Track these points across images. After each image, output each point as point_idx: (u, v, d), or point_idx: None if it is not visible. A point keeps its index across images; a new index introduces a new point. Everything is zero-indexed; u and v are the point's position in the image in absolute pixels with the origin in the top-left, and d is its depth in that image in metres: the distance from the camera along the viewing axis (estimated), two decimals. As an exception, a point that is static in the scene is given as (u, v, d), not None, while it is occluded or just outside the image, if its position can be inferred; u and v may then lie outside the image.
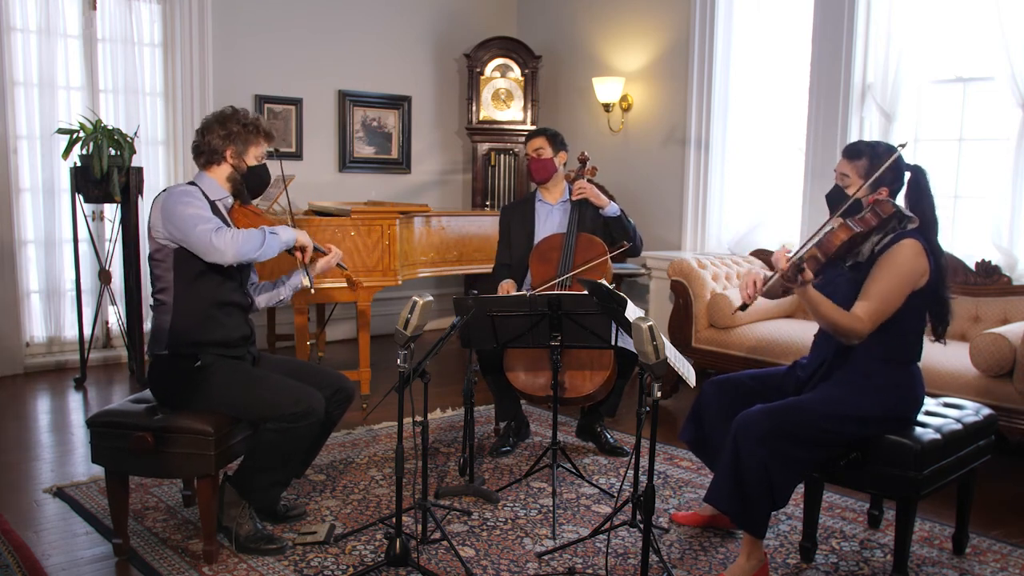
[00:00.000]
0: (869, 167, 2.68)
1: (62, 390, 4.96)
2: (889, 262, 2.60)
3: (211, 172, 2.98)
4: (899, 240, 2.62)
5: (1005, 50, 4.24)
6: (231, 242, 2.75)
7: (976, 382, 3.64)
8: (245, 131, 2.96)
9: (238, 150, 2.96)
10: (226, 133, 2.94)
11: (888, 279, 2.59)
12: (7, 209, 5.14)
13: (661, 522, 3.16)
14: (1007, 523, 3.22)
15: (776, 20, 5.35)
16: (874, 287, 2.60)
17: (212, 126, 2.96)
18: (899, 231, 2.63)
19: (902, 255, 2.59)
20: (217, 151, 2.95)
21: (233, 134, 2.94)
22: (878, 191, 2.69)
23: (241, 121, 2.96)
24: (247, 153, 2.98)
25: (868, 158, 2.70)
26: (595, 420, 4.00)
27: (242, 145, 2.96)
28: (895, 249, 2.61)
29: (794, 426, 2.56)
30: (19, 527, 3.04)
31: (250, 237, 2.81)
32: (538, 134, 4.06)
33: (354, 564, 2.79)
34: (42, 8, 5.14)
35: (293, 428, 2.76)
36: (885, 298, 2.58)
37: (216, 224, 2.79)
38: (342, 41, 6.36)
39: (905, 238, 2.62)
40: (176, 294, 2.85)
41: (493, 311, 3.22)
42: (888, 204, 2.59)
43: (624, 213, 4.01)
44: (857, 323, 2.57)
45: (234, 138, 2.95)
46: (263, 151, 3.03)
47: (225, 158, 2.96)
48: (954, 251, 4.43)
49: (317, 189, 6.13)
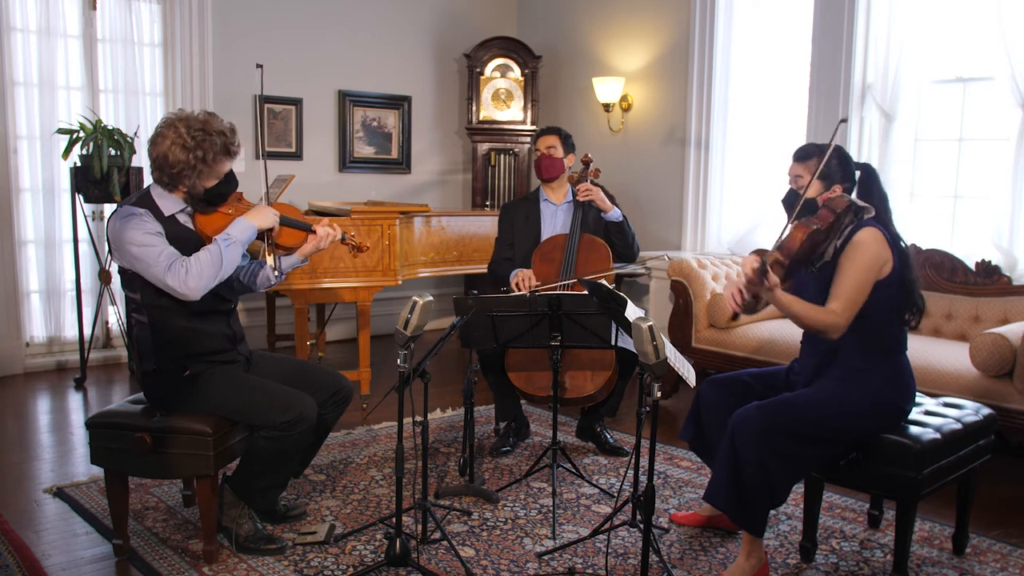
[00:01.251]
0: (819, 166, 2.72)
1: (62, 390, 4.96)
2: (851, 253, 2.63)
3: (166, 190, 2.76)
4: (858, 230, 2.65)
5: (1005, 50, 4.24)
6: (185, 280, 2.60)
7: (976, 382, 3.64)
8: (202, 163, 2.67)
9: (191, 182, 2.70)
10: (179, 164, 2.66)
11: (854, 269, 2.62)
12: (7, 209, 5.14)
13: (661, 522, 3.16)
14: (1007, 523, 3.22)
15: (776, 20, 5.35)
16: (842, 279, 2.63)
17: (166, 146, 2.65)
18: (856, 223, 2.66)
19: (862, 244, 2.63)
20: (169, 182, 2.71)
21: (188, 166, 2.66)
22: (831, 189, 2.75)
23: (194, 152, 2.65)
24: (205, 180, 2.72)
25: (818, 158, 2.75)
26: (595, 420, 4.00)
27: (197, 177, 2.70)
28: (855, 240, 2.64)
29: (790, 422, 2.57)
30: (19, 527, 3.04)
31: (203, 264, 2.63)
32: (551, 132, 4.04)
33: (354, 564, 2.79)
34: (42, 8, 5.14)
35: (285, 436, 2.74)
36: (855, 287, 2.61)
37: (166, 261, 2.61)
38: (342, 41, 6.36)
39: (863, 228, 2.65)
40: (150, 313, 2.73)
41: (493, 311, 3.22)
42: (841, 199, 2.64)
43: (626, 219, 4.02)
44: (832, 317, 2.60)
45: (187, 171, 2.67)
46: (226, 168, 2.77)
47: (178, 188, 2.73)
48: (954, 251, 4.44)
49: (317, 189, 6.13)
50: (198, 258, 2.66)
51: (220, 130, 2.72)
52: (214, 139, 2.70)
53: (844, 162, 2.79)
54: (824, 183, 2.76)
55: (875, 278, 2.62)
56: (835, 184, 2.76)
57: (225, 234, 2.73)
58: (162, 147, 2.68)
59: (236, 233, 2.74)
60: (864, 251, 2.61)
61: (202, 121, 2.71)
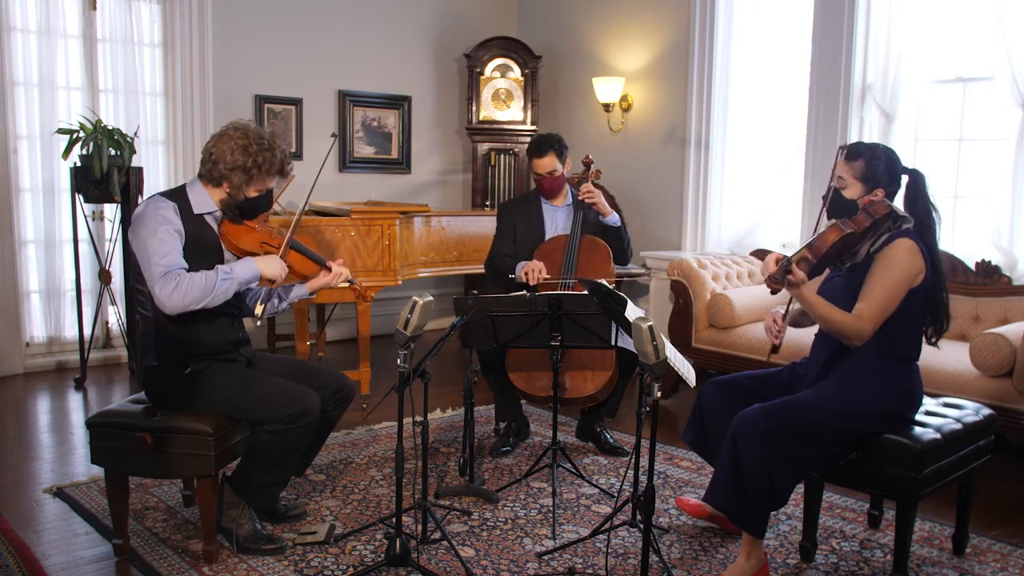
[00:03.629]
0: (865, 169, 2.69)
1: (62, 390, 4.96)
2: (885, 261, 2.61)
3: (206, 187, 2.82)
4: (894, 239, 2.63)
5: (1005, 50, 4.24)
6: (172, 294, 2.59)
7: (976, 382, 3.64)
8: (255, 168, 2.76)
9: (239, 183, 2.77)
10: (234, 164, 2.74)
11: (886, 278, 2.60)
12: (7, 209, 5.14)
13: (661, 522, 3.16)
14: (1007, 523, 3.22)
15: (776, 20, 5.35)
16: (873, 287, 2.61)
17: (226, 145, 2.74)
18: (894, 231, 2.64)
19: (897, 253, 2.60)
20: (217, 176, 2.77)
21: (239, 167, 2.74)
22: (873, 192, 2.71)
23: (255, 158, 2.74)
24: (249, 188, 2.80)
25: (865, 160, 2.71)
26: (595, 420, 4.00)
27: (245, 180, 2.77)
28: (890, 248, 2.62)
29: (792, 424, 2.57)
30: (19, 527, 3.04)
31: (194, 287, 2.62)
32: (545, 151, 3.92)
33: (354, 564, 2.79)
34: (42, 8, 5.14)
35: (289, 429, 2.75)
36: (885, 296, 2.59)
37: (165, 266, 2.61)
38: (342, 41, 6.37)
39: (899, 237, 2.63)
40: (156, 309, 2.72)
41: (493, 311, 3.22)
42: (881, 205, 2.60)
43: (624, 225, 4.02)
44: (858, 323, 2.58)
45: (239, 172, 2.75)
46: (269, 186, 2.86)
47: (222, 186, 2.79)
48: (954, 251, 4.44)
49: (317, 189, 6.06)
50: (192, 279, 2.64)
51: (282, 149, 2.85)
52: (275, 155, 2.80)
53: (890, 166, 2.72)
54: (866, 186, 2.71)
55: (906, 289, 2.60)
56: (878, 187, 2.71)
57: (228, 268, 2.73)
58: (225, 145, 2.76)
59: (239, 272, 2.75)
60: (897, 262, 2.59)
61: (270, 136, 2.83)
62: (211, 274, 2.69)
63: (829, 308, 2.60)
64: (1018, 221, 4.32)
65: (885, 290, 2.59)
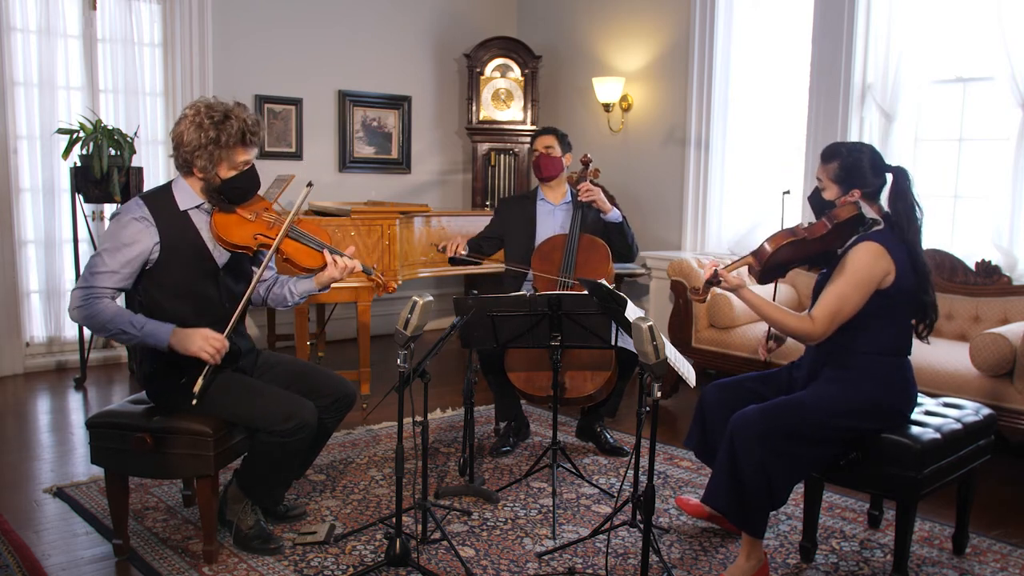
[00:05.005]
0: (839, 171, 2.69)
1: (62, 390, 4.96)
2: (843, 265, 2.64)
3: (186, 178, 2.73)
4: (858, 243, 2.65)
5: (1005, 50, 4.24)
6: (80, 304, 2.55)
7: (976, 382, 3.64)
8: (215, 144, 2.61)
9: (204, 164, 2.64)
10: (196, 144, 2.61)
11: (842, 281, 2.62)
12: (7, 209, 5.14)
13: (661, 522, 3.16)
14: (1007, 523, 3.22)
15: (776, 20, 5.35)
16: (827, 290, 2.65)
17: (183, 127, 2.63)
18: (861, 235, 2.65)
19: (855, 257, 2.62)
20: (187, 162, 2.66)
21: (200, 146, 2.61)
22: (850, 193, 2.70)
23: (213, 133, 2.60)
24: (218, 167, 2.66)
25: (840, 161, 2.71)
26: (595, 420, 4.00)
27: (208, 160, 2.63)
28: (851, 252, 2.64)
29: (790, 424, 2.57)
30: (19, 527, 3.04)
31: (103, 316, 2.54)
32: (548, 132, 4.06)
33: (354, 564, 2.79)
34: (42, 8, 5.14)
35: (286, 442, 2.71)
36: (839, 299, 2.61)
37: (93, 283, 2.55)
38: (342, 41, 6.37)
39: (864, 241, 2.64)
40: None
41: (493, 311, 3.22)
42: (845, 209, 2.61)
43: (625, 220, 4.02)
44: (807, 324, 2.62)
45: (200, 151, 2.62)
46: (243, 159, 2.69)
47: (192, 172, 2.69)
48: (954, 251, 4.44)
49: (317, 189, 6.08)
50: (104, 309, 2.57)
51: (241, 117, 2.66)
52: (231, 123, 2.63)
53: (874, 165, 2.71)
54: (841, 187, 2.70)
55: (867, 291, 2.61)
56: (855, 188, 2.69)
57: (145, 324, 2.59)
58: (180, 127, 2.65)
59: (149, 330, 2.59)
60: (852, 265, 2.61)
61: (224, 106, 2.67)
62: (124, 316, 2.58)
63: (772, 308, 2.67)
64: (1018, 221, 4.32)
65: (837, 293, 2.61)
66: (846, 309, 2.61)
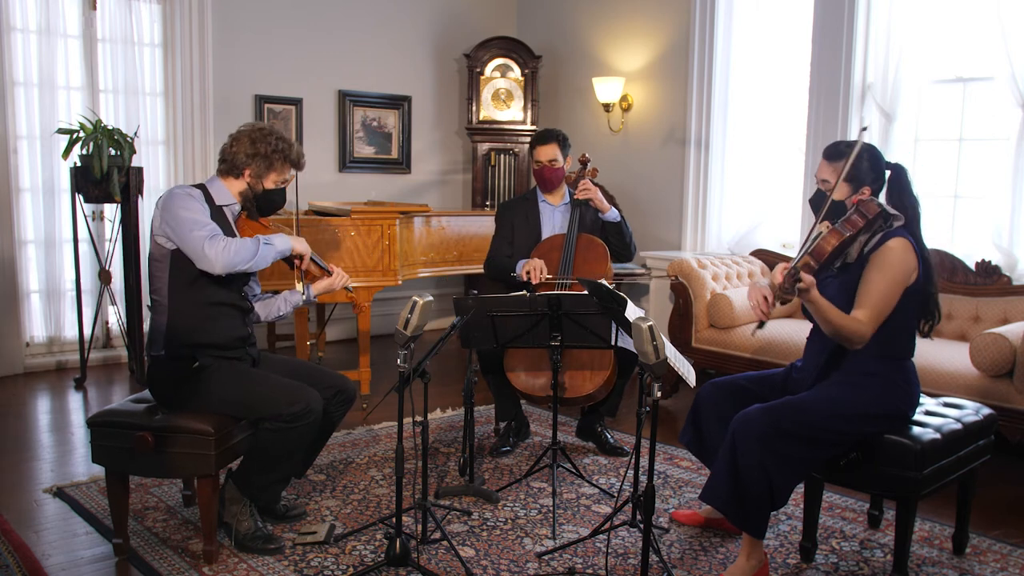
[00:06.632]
0: (851, 168, 2.68)
1: (62, 390, 4.96)
2: (881, 263, 2.60)
3: (226, 181, 2.97)
4: (887, 239, 2.62)
5: (1005, 50, 4.24)
6: (222, 253, 2.73)
7: (976, 382, 3.64)
8: (273, 155, 2.93)
9: (258, 171, 2.94)
10: (253, 152, 2.91)
11: (883, 280, 2.59)
12: (7, 209, 5.14)
13: (661, 522, 3.17)
14: (1007, 523, 3.22)
15: (776, 20, 5.35)
16: (871, 289, 2.60)
17: (243, 139, 2.92)
18: (886, 230, 2.64)
19: (894, 255, 2.60)
20: (238, 166, 2.93)
21: (259, 155, 2.91)
22: (860, 191, 2.70)
23: (272, 145, 2.92)
24: (267, 177, 2.96)
25: (847, 159, 2.69)
26: (595, 420, 4.00)
27: (264, 168, 2.94)
28: (885, 249, 2.61)
29: (793, 425, 2.56)
30: (19, 527, 3.04)
31: (242, 247, 2.79)
32: (548, 140, 3.98)
33: (354, 564, 2.79)
34: (42, 8, 5.14)
35: (290, 428, 2.76)
36: (882, 298, 2.59)
37: (210, 231, 2.76)
38: (342, 41, 6.37)
39: (893, 237, 2.62)
40: (171, 295, 2.84)
41: (493, 311, 3.22)
42: (872, 204, 2.59)
43: (624, 220, 4.01)
44: (860, 326, 2.57)
45: (258, 159, 2.92)
46: (285, 177, 3.01)
47: (243, 175, 2.95)
48: (954, 251, 4.44)
49: (317, 189, 6.13)
50: (240, 242, 2.81)
51: (291, 143, 2.99)
52: (291, 145, 2.98)
53: (874, 163, 2.71)
54: (852, 185, 2.69)
55: (902, 289, 2.60)
56: (864, 186, 2.69)
57: (267, 237, 2.90)
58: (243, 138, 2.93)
59: (277, 241, 2.92)
60: (893, 262, 2.58)
61: (280, 132, 2.99)
62: (251, 240, 2.85)
63: (835, 312, 2.57)
64: (1018, 221, 4.32)
65: (883, 292, 2.58)
66: (888, 308, 2.59)
